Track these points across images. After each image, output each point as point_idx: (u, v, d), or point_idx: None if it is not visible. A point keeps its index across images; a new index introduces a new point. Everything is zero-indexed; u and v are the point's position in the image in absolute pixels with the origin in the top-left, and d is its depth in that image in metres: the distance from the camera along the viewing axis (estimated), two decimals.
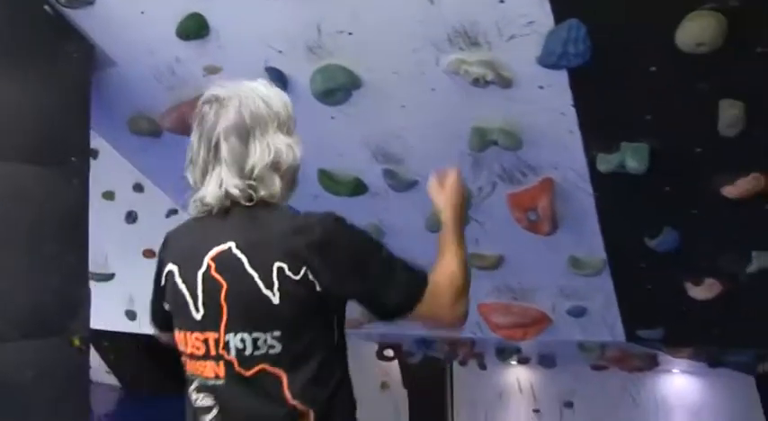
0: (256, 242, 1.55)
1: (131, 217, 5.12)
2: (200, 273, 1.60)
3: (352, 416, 1.75)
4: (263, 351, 1.57)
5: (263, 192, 1.57)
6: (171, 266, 1.70)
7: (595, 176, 2.54)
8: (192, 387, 1.69)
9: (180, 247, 1.69)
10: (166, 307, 1.71)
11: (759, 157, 2.30)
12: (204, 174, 1.59)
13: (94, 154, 4.13)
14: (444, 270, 1.69)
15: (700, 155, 2.36)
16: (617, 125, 2.35)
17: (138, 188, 4.96)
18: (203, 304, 1.61)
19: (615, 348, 4.00)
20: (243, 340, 1.58)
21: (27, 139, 2.51)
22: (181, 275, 1.66)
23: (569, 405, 5.57)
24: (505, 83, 2.26)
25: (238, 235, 1.56)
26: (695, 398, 5.24)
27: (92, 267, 3.43)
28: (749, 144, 2.22)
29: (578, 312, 3.34)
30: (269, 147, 1.57)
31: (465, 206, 1.94)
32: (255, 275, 1.53)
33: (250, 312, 1.56)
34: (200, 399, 1.68)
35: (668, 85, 2.15)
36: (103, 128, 3.24)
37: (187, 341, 1.66)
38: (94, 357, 7.96)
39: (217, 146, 1.56)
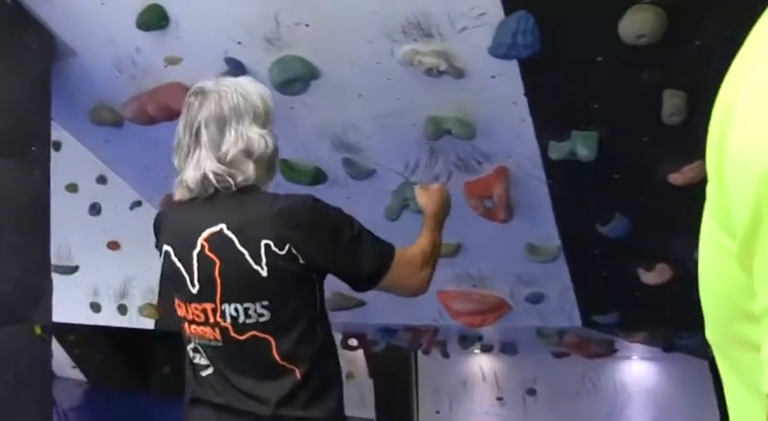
0: (244, 223, 1.76)
1: (95, 209, 5.09)
2: (194, 253, 1.81)
3: (338, 375, 2.01)
4: (253, 319, 1.79)
5: (239, 178, 1.77)
6: (167, 247, 1.90)
7: (548, 164, 2.62)
8: (191, 346, 1.92)
9: (173, 230, 1.89)
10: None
11: (702, 145, 2.37)
12: (186, 157, 1.80)
13: (57, 146, 4.11)
14: (416, 244, 2.06)
15: (646, 143, 2.45)
16: (567, 113, 2.44)
17: (102, 180, 4.94)
18: (198, 280, 1.82)
19: (573, 334, 4.10)
20: (236, 309, 1.80)
21: None
22: (176, 255, 1.86)
23: (532, 392, 5.67)
24: (458, 73, 2.32)
25: (228, 217, 1.77)
26: (652, 383, 5.38)
27: (55, 260, 3.43)
28: (692, 132, 2.30)
29: (536, 298, 3.42)
30: (242, 136, 1.77)
31: (445, 207, 2.27)
32: (245, 252, 1.75)
33: (241, 285, 1.78)
34: (198, 358, 1.92)
35: (614, 74, 2.23)
36: (65, 118, 3.24)
37: (187, 310, 1.89)
38: (60, 352, 7.91)
39: (198, 132, 1.78)
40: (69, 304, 2.84)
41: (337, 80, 2.54)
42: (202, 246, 1.80)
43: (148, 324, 5.10)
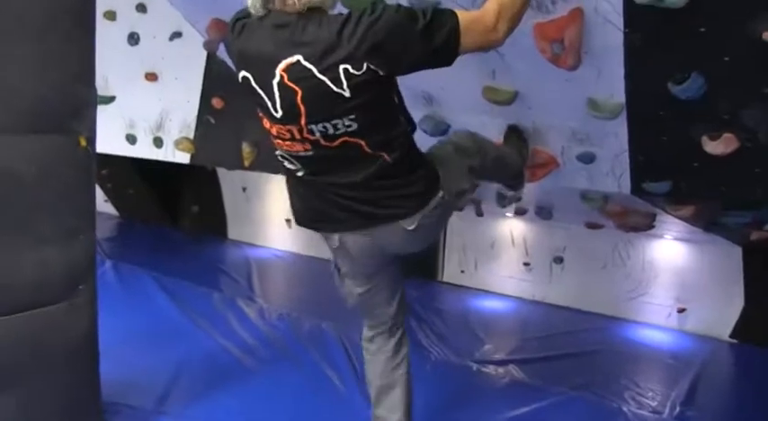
0: (321, 51, 1.87)
1: (133, 38, 4.97)
2: (275, 82, 1.94)
3: (420, 156, 2.23)
4: (342, 130, 1.97)
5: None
6: (245, 73, 2.03)
7: (629, 9, 2.41)
8: (279, 153, 2.16)
9: (248, 56, 2.00)
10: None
11: None
12: None
13: None
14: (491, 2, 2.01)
15: None
16: None
17: (141, 8, 4.80)
18: (281, 107, 1.98)
19: (617, 202, 4.00)
20: (324, 126, 1.97)
21: None
22: (257, 82, 1.99)
23: (559, 260, 5.67)
24: None
25: (303, 47, 1.88)
26: (682, 265, 5.34)
27: None
28: None
29: (588, 158, 3.29)
30: None
31: None
32: (326, 79, 1.88)
33: (326, 108, 1.94)
34: (289, 163, 2.16)
35: None
36: None
37: (272, 127, 2.08)
38: None
39: None
40: (105, 135, 2.79)
41: None
42: (281, 77, 1.92)
43: (184, 158, 5.08)
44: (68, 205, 2.57)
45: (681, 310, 5.30)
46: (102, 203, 8.01)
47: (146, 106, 5.15)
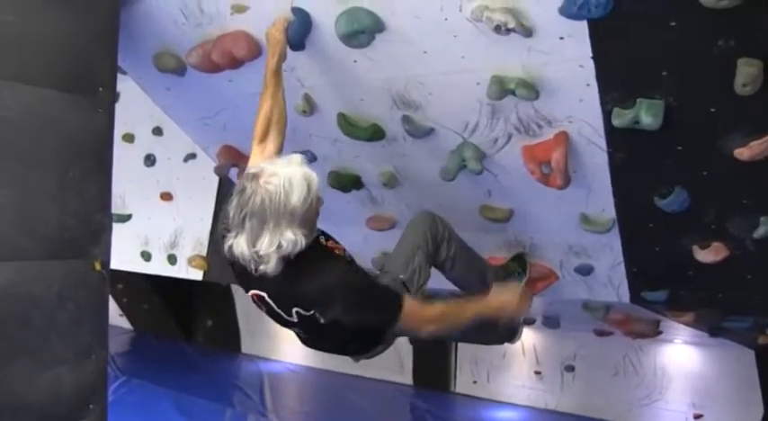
0: (281, 297, 2.36)
1: (150, 160, 5.20)
2: (248, 293, 2.48)
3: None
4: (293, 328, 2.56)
5: (261, 267, 2.19)
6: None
7: (610, 131, 2.58)
8: None
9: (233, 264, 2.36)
10: None
11: None
12: (237, 227, 2.19)
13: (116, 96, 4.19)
14: (438, 309, 2.56)
15: (714, 114, 2.38)
16: (634, 80, 2.38)
17: (158, 131, 5.04)
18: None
19: (619, 310, 4.06)
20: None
21: (58, 67, 2.56)
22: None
23: (570, 368, 5.65)
24: (527, 32, 2.29)
25: (268, 289, 2.35)
26: (694, 370, 5.30)
27: None
28: (765, 104, 2.25)
29: (586, 271, 3.39)
30: (275, 239, 2.14)
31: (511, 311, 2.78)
32: (282, 312, 2.39)
33: (281, 321, 2.47)
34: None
35: (687, 40, 2.17)
36: (130, 64, 3.29)
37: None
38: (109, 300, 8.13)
39: (243, 219, 2.16)
40: (121, 251, 2.94)
41: (402, 35, 2.52)
42: (252, 296, 2.46)
43: (197, 275, 5.20)
44: (82, 326, 2.66)
45: (698, 417, 5.22)
46: (117, 317, 8.11)
47: (160, 224, 5.32)
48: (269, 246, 2.15)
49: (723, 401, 5.17)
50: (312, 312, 2.32)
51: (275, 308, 2.38)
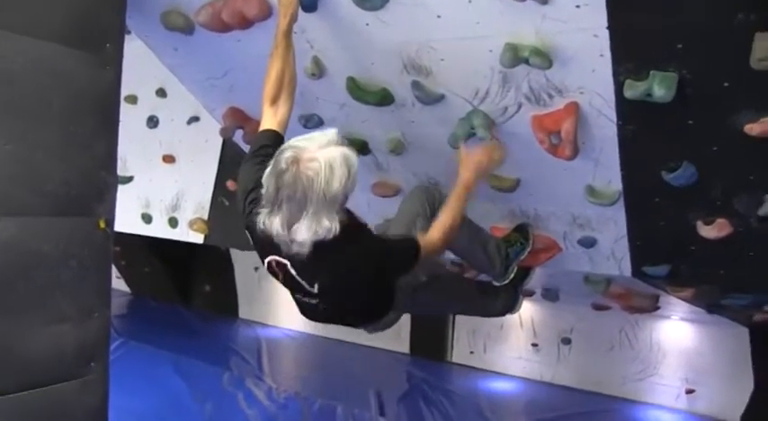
0: (306, 271, 2.33)
1: (153, 121, 5.17)
2: (265, 259, 2.42)
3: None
4: (307, 299, 2.47)
5: (294, 249, 2.19)
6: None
7: (621, 103, 2.56)
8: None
9: (250, 226, 2.36)
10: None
11: None
12: (272, 205, 2.16)
13: None
14: (439, 225, 2.64)
15: (727, 88, 2.36)
16: (648, 51, 2.35)
17: (161, 93, 5.00)
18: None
19: (620, 284, 4.07)
20: (293, 288, 2.49)
21: (65, 21, 2.53)
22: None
23: (567, 341, 5.69)
24: None
25: (293, 261, 2.31)
26: (689, 346, 5.35)
27: None
28: None
29: (589, 243, 3.39)
30: (313, 225, 2.13)
31: (488, 169, 2.88)
32: (303, 283, 2.36)
33: (297, 288, 2.44)
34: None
35: (706, 12, 2.15)
36: (136, 21, 3.25)
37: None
38: None
39: (281, 202, 2.13)
40: (121, 213, 2.93)
41: None
42: (270, 262, 2.40)
43: (198, 238, 5.20)
44: (85, 284, 2.67)
45: (689, 391, 5.28)
46: (115, 280, 8.10)
47: (162, 187, 5.31)
48: (306, 232, 2.14)
49: (715, 377, 5.22)
50: (337, 282, 2.34)
51: (296, 277, 2.35)
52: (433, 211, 2.86)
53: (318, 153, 2.12)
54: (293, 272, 2.34)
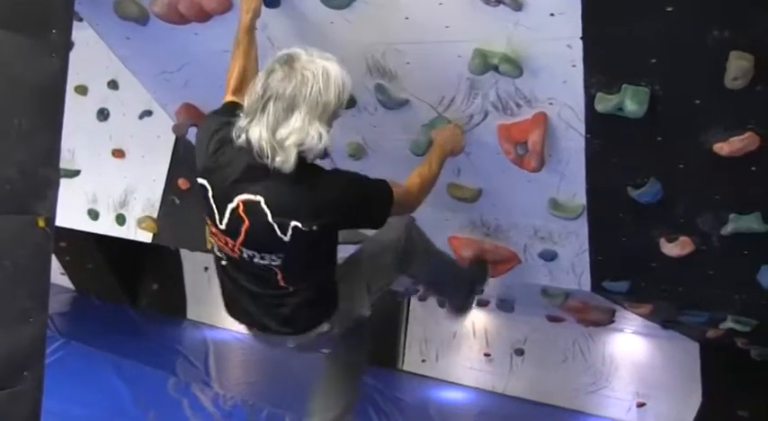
0: (280, 204, 2.05)
1: (103, 114, 4.98)
2: (230, 206, 2.11)
3: (332, 300, 2.43)
4: (267, 261, 2.18)
5: (278, 159, 1.97)
6: (203, 182, 2.18)
7: (590, 116, 2.50)
8: (212, 240, 2.31)
9: (215, 173, 2.14)
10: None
11: (758, 116, 2.27)
12: (254, 112, 1.99)
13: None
14: (416, 174, 2.46)
15: (698, 106, 2.32)
16: (621, 64, 2.30)
17: (113, 85, 4.82)
18: (226, 224, 2.15)
19: (578, 298, 4.04)
20: (252, 254, 2.17)
21: (6, 4, 2.37)
22: (213, 196, 2.16)
23: (520, 352, 5.67)
24: (517, 5, 2.18)
25: (267, 193, 2.05)
26: (641, 359, 5.38)
27: None
28: (752, 99, 2.19)
29: (549, 256, 3.34)
30: (302, 129, 1.95)
31: (452, 143, 2.70)
32: (275, 225, 2.07)
33: (262, 242, 2.13)
34: (218, 251, 2.31)
35: (682, 27, 2.09)
36: (86, 6, 3.09)
37: (211, 227, 2.24)
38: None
39: (267, 101, 1.96)
40: (66, 209, 2.76)
41: None
42: (238, 205, 2.09)
43: (146, 237, 5.02)
44: (20, 286, 2.50)
45: (640, 405, 5.30)
46: (59, 276, 7.84)
47: (110, 182, 5.11)
48: (292, 134, 1.95)
49: (666, 391, 5.26)
50: (312, 227, 2.08)
51: (270, 219, 2.07)
52: (408, 259, 2.68)
53: (317, 59, 2.03)
54: (267, 211, 2.07)
